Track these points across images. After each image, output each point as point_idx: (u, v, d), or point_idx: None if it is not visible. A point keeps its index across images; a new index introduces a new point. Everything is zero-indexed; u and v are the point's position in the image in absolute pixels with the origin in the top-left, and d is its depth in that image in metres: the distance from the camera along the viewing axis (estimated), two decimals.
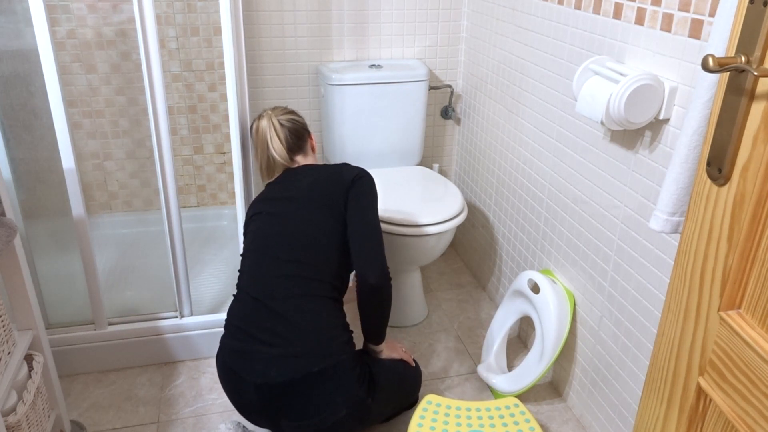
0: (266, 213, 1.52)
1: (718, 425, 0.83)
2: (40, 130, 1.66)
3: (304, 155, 1.65)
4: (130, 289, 2.06)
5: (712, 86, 0.88)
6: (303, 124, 1.66)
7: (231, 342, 1.40)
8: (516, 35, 1.83)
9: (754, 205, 0.72)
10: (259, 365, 1.33)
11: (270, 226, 1.49)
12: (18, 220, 1.52)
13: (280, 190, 1.56)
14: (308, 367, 1.31)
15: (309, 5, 2.09)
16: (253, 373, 1.33)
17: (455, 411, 1.57)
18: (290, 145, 1.61)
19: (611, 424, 1.52)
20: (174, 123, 2.24)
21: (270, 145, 1.59)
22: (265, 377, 1.32)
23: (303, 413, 1.34)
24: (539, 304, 1.64)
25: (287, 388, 1.32)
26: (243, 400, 1.38)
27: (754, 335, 0.75)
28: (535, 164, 1.78)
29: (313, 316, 1.36)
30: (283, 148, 1.60)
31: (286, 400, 1.33)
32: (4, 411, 1.20)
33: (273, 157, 1.60)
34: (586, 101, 1.29)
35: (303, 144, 1.65)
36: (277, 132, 1.60)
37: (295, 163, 1.62)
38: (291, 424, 1.36)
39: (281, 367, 1.32)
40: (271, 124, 1.60)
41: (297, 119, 1.64)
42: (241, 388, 1.36)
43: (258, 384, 1.33)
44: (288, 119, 1.62)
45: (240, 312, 1.42)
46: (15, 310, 1.36)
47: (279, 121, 1.60)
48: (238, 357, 1.36)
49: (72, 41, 2.06)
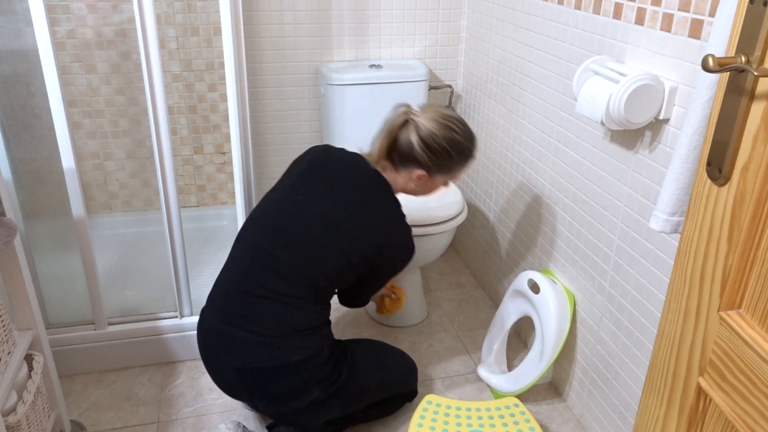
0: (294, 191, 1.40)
1: (718, 425, 0.83)
2: (40, 130, 1.66)
3: (398, 176, 1.43)
4: (130, 289, 2.06)
5: (712, 86, 0.88)
6: (445, 149, 1.36)
7: (212, 320, 1.41)
8: (516, 35, 1.83)
9: (754, 205, 0.72)
10: (238, 349, 1.35)
11: (290, 205, 1.39)
12: (18, 220, 1.51)
13: (323, 175, 1.39)
14: (286, 357, 1.33)
15: (309, 5, 2.09)
16: (233, 355, 1.36)
17: (455, 411, 1.57)
18: (398, 152, 1.38)
19: (611, 424, 1.52)
20: (174, 123, 2.24)
21: (383, 131, 1.38)
22: (243, 361, 1.35)
23: (278, 397, 1.37)
24: (539, 304, 1.64)
25: (264, 374, 1.34)
26: (221, 377, 1.42)
27: (754, 335, 0.75)
28: (535, 164, 1.78)
29: (295, 310, 1.36)
30: (385, 145, 1.38)
31: (262, 383, 1.36)
32: (4, 411, 1.20)
33: (377, 141, 1.39)
34: (586, 101, 1.29)
35: (408, 163, 1.39)
36: (412, 127, 1.35)
37: (387, 174, 1.42)
38: (268, 405, 1.40)
39: (260, 354, 1.34)
40: (413, 122, 1.37)
41: (447, 136, 1.35)
42: (219, 366, 1.40)
43: (236, 366, 1.36)
44: (435, 129, 1.34)
45: (224, 288, 1.41)
46: (15, 310, 1.36)
47: (426, 122, 1.35)
48: (218, 337, 1.38)
49: (72, 41, 2.06)
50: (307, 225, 1.36)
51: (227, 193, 2.43)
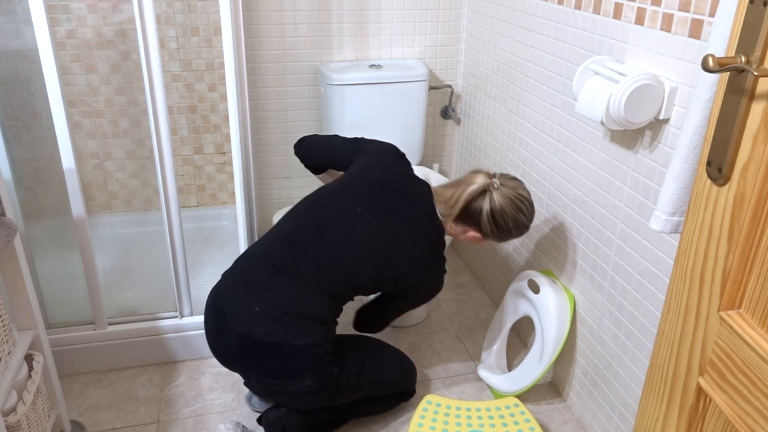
0: (355, 201, 1.45)
1: (718, 425, 0.83)
2: (40, 130, 1.66)
3: (454, 226, 1.50)
4: (130, 289, 2.06)
5: (712, 86, 0.88)
6: (509, 227, 1.45)
7: (232, 283, 1.43)
8: (516, 35, 1.83)
9: (754, 205, 0.72)
10: (249, 317, 1.37)
11: (348, 213, 1.44)
12: (18, 220, 1.51)
13: (388, 199, 1.46)
14: (291, 338, 1.36)
15: (309, 5, 2.09)
16: (242, 321, 1.37)
17: (455, 411, 1.57)
18: (466, 211, 1.45)
19: (611, 424, 1.52)
20: (174, 123, 2.24)
21: (464, 188, 1.45)
22: (250, 330, 1.36)
23: (272, 373, 1.39)
24: (539, 304, 1.64)
25: (266, 347, 1.36)
26: (222, 342, 1.43)
27: (754, 335, 0.75)
28: (535, 164, 1.78)
29: (314, 297, 1.39)
30: (458, 204, 1.45)
31: (262, 356, 1.38)
32: (4, 411, 1.20)
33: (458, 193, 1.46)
34: (586, 101, 1.29)
35: (470, 224, 1.47)
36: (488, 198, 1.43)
37: (445, 221, 1.48)
38: (260, 379, 1.43)
39: (267, 328, 1.36)
40: (490, 195, 1.44)
41: (515, 216, 1.44)
42: (223, 331, 1.41)
43: (241, 333, 1.37)
44: (507, 208, 1.43)
45: (255, 255, 1.45)
46: (15, 310, 1.36)
47: (500, 198, 1.43)
48: (233, 301, 1.40)
49: (72, 41, 2.06)
50: (355, 239, 1.42)
51: (227, 193, 2.43)
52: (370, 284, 1.45)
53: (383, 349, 1.62)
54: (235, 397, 1.72)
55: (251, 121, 2.17)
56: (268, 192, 2.35)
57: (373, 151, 1.58)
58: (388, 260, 1.42)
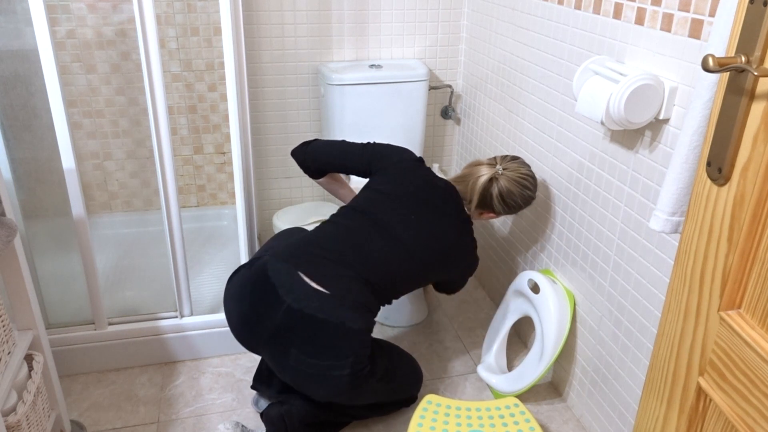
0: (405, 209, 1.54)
1: (718, 425, 0.83)
2: (40, 130, 1.66)
3: (471, 209, 1.64)
4: (130, 289, 2.06)
5: (712, 86, 0.88)
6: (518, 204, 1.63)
7: (284, 259, 1.42)
8: (516, 35, 1.83)
9: (754, 205, 0.72)
10: (303, 292, 1.36)
11: (402, 221, 1.52)
12: (18, 220, 1.52)
13: (429, 206, 1.57)
14: (343, 318, 1.35)
15: (309, 5, 2.09)
16: (295, 295, 1.36)
17: (455, 411, 1.57)
18: (477, 203, 1.62)
19: (611, 424, 1.52)
20: (174, 123, 2.24)
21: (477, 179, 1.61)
22: (304, 304, 1.34)
23: (316, 352, 1.35)
24: (539, 304, 1.64)
25: (318, 323, 1.34)
26: (260, 318, 1.39)
27: (754, 335, 0.75)
28: (535, 164, 1.78)
29: (361, 287, 1.41)
30: (474, 199, 1.61)
31: (309, 333, 1.35)
32: (4, 411, 1.20)
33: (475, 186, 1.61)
34: (586, 101, 1.29)
35: (484, 208, 1.64)
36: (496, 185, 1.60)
37: (466, 208, 1.63)
38: (299, 357, 1.37)
39: (322, 304, 1.35)
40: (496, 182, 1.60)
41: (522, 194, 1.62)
42: (271, 305, 1.38)
43: (293, 308, 1.35)
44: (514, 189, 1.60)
45: (306, 242, 1.47)
46: (15, 310, 1.36)
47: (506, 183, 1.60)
48: (286, 276, 1.39)
49: (72, 41, 2.06)
50: (419, 237, 1.50)
51: (227, 193, 2.43)
52: (422, 279, 1.57)
53: (403, 358, 1.64)
54: (235, 397, 1.72)
55: (251, 121, 2.17)
56: (268, 192, 2.35)
57: (398, 159, 1.65)
58: (442, 255, 1.53)
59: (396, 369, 1.59)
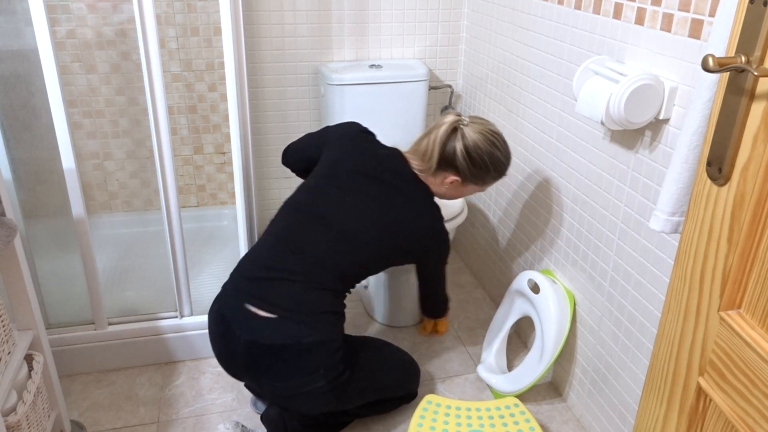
0: (341, 191, 1.45)
1: (718, 425, 0.83)
2: (40, 130, 1.66)
3: (433, 179, 1.50)
4: (130, 289, 2.06)
5: (712, 86, 0.88)
6: (485, 161, 1.46)
7: (231, 292, 1.42)
8: (516, 35, 1.83)
9: (754, 205, 0.72)
10: (252, 323, 1.36)
11: (338, 206, 1.44)
12: (18, 220, 1.51)
13: (369, 179, 1.45)
14: (300, 336, 1.34)
15: (309, 5, 2.09)
16: (247, 329, 1.36)
17: (455, 411, 1.57)
18: (440, 156, 1.45)
19: (611, 424, 1.52)
20: (174, 123, 2.24)
21: (429, 137, 1.46)
22: (258, 336, 1.35)
23: (284, 376, 1.37)
24: (539, 304, 1.64)
25: (275, 350, 1.34)
26: (229, 353, 1.41)
27: (754, 335, 0.75)
28: (535, 164, 1.78)
29: (317, 293, 1.39)
30: (434, 152, 1.45)
31: (271, 361, 1.36)
32: (4, 411, 1.20)
33: (427, 146, 1.46)
34: (586, 101, 1.29)
35: (447, 169, 1.47)
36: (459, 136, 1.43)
37: (423, 174, 1.50)
38: (271, 384, 1.39)
39: (275, 331, 1.34)
40: (461, 131, 1.44)
41: (489, 151, 1.45)
42: (231, 342, 1.39)
43: (248, 340, 1.35)
44: (480, 142, 1.44)
45: (251, 265, 1.44)
46: (15, 310, 1.36)
47: (472, 133, 1.44)
48: (237, 311, 1.38)
49: (72, 41, 2.06)
50: (358, 224, 1.42)
51: (227, 193, 2.43)
52: (378, 264, 1.47)
53: (392, 353, 1.62)
54: (235, 397, 1.72)
55: (251, 121, 2.17)
56: (268, 192, 2.35)
57: (338, 135, 1.57)
58: (392, 236, 1.43)
59: (383, 366, 1.57)
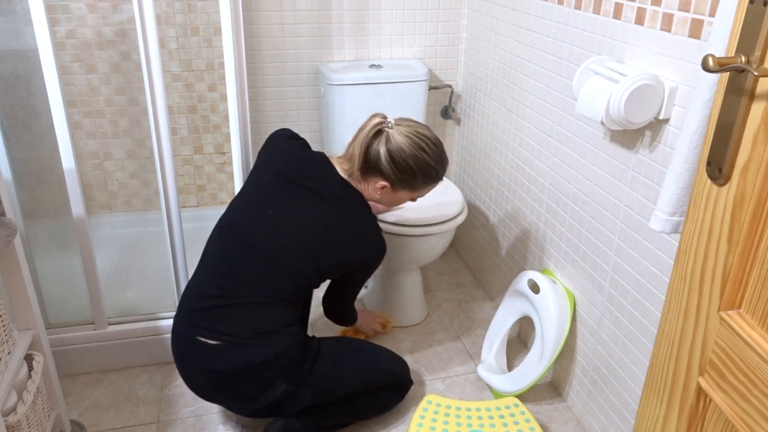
0: (263, 205, 1.42)
1: (718, 425, 0.83)
2: (40, 130, 1.66)
3: (363, 183, 1.45)
4: (130, 289, 2.06)
5: (712, 86, 0.88)
6: (410, 166, 1.38)
7: (183, 327, 1.44)
8: (516, 35, 1.83)
9: (754, 205, 0.72)
10: (209, 353, 1.39)
11: (261, 221, 1.42)
12: (18, 220, 1.51)
13: (292, 187, 1.40)
14: (252, 357, 1.37)
15: (309, 5, 2.09)
16: (203, 359, 1.40)
17: (455, 411, 1.57)
18: (366, 160, 1.39)
19: (611, 424, 1.52)
20: (174, 123, 2.24)
21: (356, 138, 1.39)
22: (214, 365, 1.38)
23: (248, 397, 1.42)
24: (539, 304, 1.64)
25: (233, 375, 1.38)
26: (194, 382, 1.46)
27: (754, 335, 0.75)
28: (535, 164, 1.78)
29: (263, 312, 1.39)
30: (359, 154, 1.39)
31: (232, 385, 1.40)
32: (4, 411, 1.20)
33: (355, 150, 1.39)
34: (586, 101, 1.29)
35: (374, 173, 1.41)
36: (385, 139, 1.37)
37: (352, 179, 1.44)
38: (239, 405, 1.46)
39: (228, 356, 1.38)
40: (385, 133, 1.38)
41: (415, 154, 1.37)
42: (191, 372, 1.44)
43: (206, 370, 1.39)
44: (405, 146, 1.36)
45: (194, 294, 1.45)
46: (15, 310, 1.36)
47: (398, 136, 1.37)
48: (189, 344, 1.41)
49: (72, 41, 2.06)
50: (279, 241, 1.40)
51: (227, 193, 2.43)
52: (313, 278, 1.43)
53: (364, 343, 1.65)
54: None
55: (251, 121, 2.16)
56: None
57: (266, 142, 1.56)
58: (318, 250, 1.39)
59: (355, 352, 1.58)
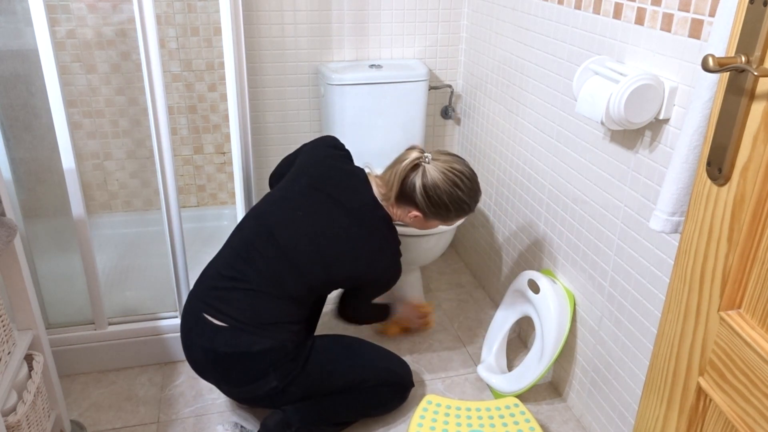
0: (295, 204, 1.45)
1: (718, 425, 0.83)
2: (40, 130, 1.66)
3: (397, 209, 1.47)
4: (130, 289, 2.06)
5: (712, 86, 0.88)
6: (444, 202, 1.41)
7: (194, 303, 1.47)
8: (516, 35, 1.83)
9: (754, 205, 0.72)
10: (210, 332, 1.42)
11: (289, 219, 1.44)
12: (18, 220, 1.51)
13: (325, 194, 1.44)
14: (249, 345, 1.40)
15: (309, 5, 2.09)
16: (204, 337, 1.43)
17: (455, 411, 1.57)
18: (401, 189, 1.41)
19: (611, 424, 1.52)
20: (174, 123, 2.24)
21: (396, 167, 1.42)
22: (212, 344, 1.41)
23: (237, 382, 1.45)
24: (539, 304, 1.64)
25: (228, 358, 1.41)
26: (192, 357, 1.49)
27: (754, 335, 0.75)
28: (535, 164, 1.78)
29: (270, 303, 1.42)
30: (395, 184, 1.41)
31: (225, 367, 1.43)
32: (4, 411, 1.20)
33: (396, 173, 1.41)
34: (586, 101, 1.29)
35: (408, 203, 1.43)
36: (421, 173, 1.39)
37: (386, 202, 1.46)
38: (229, 389, 1.49)
39: (227, 339, 1.41)
40: (422, 168, 1.40)
41: (449, 191, 1.39)
42: (192, 347, 1.47)
43: (205, 348, 1.43)
44: (440, 182, 1.38)
45: (212, 273, 1.48)
46: (15, 310, 1.36)
47: (433, 171, 1.39)
48: (194, 320, 1.45)
49: (72, 41, 2.06)
50: (296, 237, 1.43)
51: (227, 193, 2.43)
52: (323, 285, 1.46)
53: (361, 341, 1.64)
54: None
55: (251, 121, 2.16)
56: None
57: (307, 149, 1.58)
58: (333, 259, 1.42)
59: (350, 350, 1.57)
